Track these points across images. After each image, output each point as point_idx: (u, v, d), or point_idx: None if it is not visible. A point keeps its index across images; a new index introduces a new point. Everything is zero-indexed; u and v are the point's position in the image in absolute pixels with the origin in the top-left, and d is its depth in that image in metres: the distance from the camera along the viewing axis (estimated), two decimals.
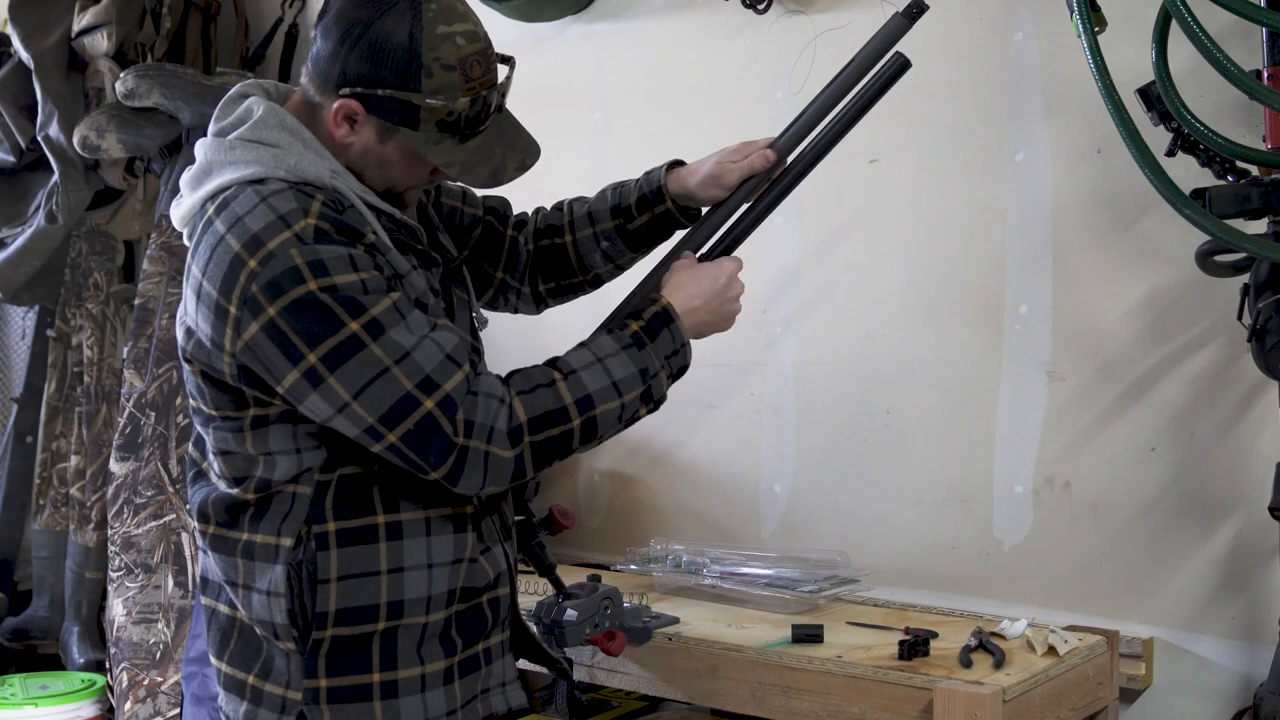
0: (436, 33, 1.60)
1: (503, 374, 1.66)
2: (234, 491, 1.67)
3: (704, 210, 1.92)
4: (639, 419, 1.73)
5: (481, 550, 1.72)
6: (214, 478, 1.71)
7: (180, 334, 1.67)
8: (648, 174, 1.94)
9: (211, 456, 1.70)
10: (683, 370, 1.77)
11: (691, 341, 1.78)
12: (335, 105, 1.63)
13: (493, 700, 1.75)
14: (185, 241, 1.70)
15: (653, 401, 1.72)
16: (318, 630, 1.63)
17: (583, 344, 1.72)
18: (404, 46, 1.59)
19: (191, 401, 1.71)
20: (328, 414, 1.58)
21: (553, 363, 1.69)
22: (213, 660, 1.75)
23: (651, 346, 1.71)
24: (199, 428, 1.73)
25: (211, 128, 1.71)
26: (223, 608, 1.72)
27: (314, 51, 1.65)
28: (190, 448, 1.77)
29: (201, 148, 1.69)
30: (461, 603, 1.70)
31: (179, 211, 1.70)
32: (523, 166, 1.72)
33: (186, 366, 1.68)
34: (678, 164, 1.94)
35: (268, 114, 1.66)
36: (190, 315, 1.64)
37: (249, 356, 1.57)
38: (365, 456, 1.64)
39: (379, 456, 1.62)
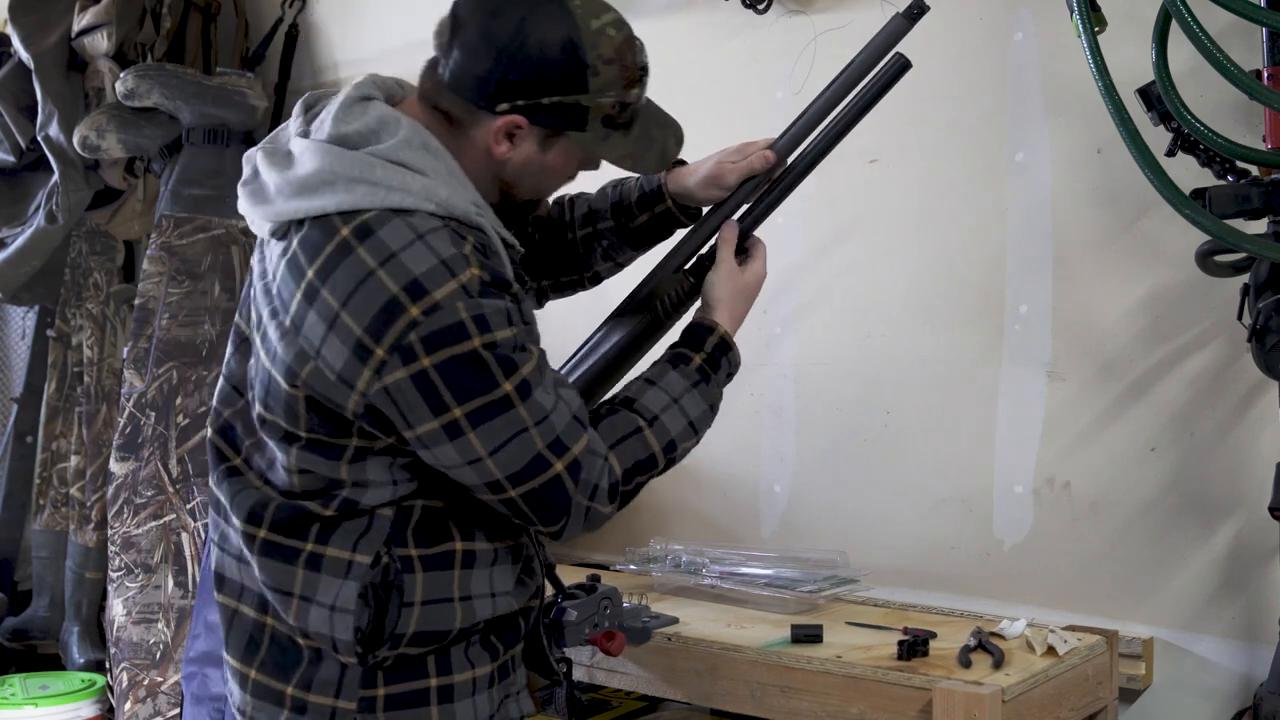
0: (592, 28, 1.53)
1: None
2: (307, 504, 1.59)
3: (704, 210, 1.92)
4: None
5: (529, 572, 1.72)
6: (271, 485, 1.62)
7: (281, 347, 1.53)
8: None
9: (281, 470, 1.60)
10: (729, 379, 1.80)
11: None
12: (497, 124, 1.55)
13: (510, 706, 1.74)
14: (270, 241, 1.58)
15: (710, 425, 1.75)
16: (390, 648, 1.58)
17: (651, 381, 1.70)
18: (565, 50, 1.52)
19: (266, 414, 1.59)
20: (454, 463, 1.52)
21: (629, 405, 1.66)
22: (233, 663, 1.67)
23: (715, 378, 1.73)
24: (269, 439, 1.61)
25: (329, 131, 1.55)
26: (248, 610, 1.65)
27: (453, 68, 1.55)
28: (220, 442, 1.67)
29: (316, 152, 1.53)
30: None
31: (266, 208, 1.56)
32: (679, 141, 1.72)
33: (285, 387, 1.54)
34: (678, 163, 1.94)
35: (412, 134, 1.54)
36: (309, 340, 1.50)
37: (383, 400, 1.49)
38: (448, 489, 1.60)
39: (459, 488, 1.58)
